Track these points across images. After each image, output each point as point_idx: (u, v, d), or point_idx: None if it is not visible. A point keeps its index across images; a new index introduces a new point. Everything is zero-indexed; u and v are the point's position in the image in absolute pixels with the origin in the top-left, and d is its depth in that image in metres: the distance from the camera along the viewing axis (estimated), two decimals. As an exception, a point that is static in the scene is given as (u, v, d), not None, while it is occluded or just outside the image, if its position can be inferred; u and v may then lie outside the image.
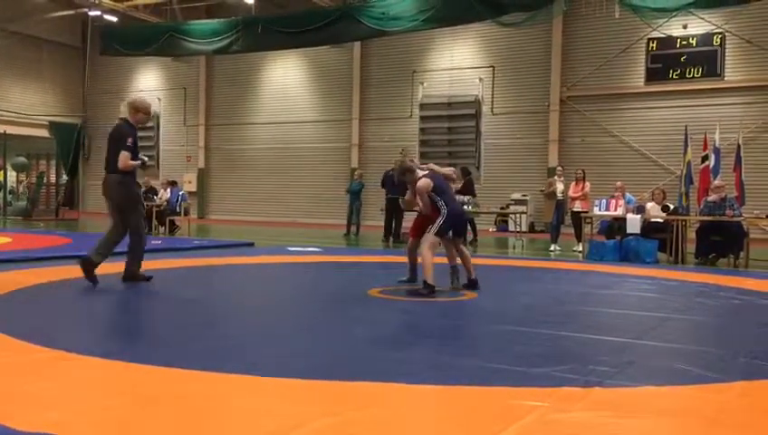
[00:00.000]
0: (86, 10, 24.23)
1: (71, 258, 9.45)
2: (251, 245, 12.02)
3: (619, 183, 12.41)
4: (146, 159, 7.47)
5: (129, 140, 7.05)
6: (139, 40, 22.09)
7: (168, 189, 16.28)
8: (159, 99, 27.50)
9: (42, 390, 3.40)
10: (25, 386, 3.47)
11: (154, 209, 15.68)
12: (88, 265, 6.94)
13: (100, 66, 27.84)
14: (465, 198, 14.39)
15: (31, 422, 2.87)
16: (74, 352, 4.12)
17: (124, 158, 6.99)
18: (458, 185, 13.09)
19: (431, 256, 6.85)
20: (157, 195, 16.36)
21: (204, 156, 26.72)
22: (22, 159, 22.32)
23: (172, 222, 15.87)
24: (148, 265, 8.99)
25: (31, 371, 3.78)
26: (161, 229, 15.74)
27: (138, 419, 3.07)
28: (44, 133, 27.36)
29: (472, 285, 7.25)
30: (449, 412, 3.28)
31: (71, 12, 25.27)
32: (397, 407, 3.28)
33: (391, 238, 14.34)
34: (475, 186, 15.83)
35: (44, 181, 23.52)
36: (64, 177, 26.15)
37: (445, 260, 7.37)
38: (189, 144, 26.88)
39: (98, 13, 24.00)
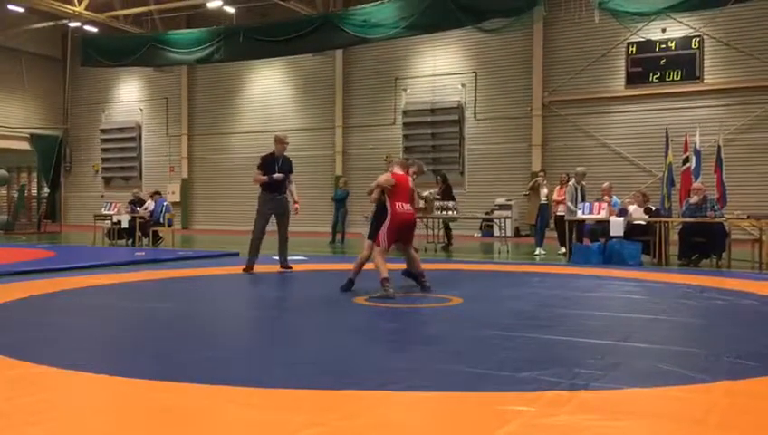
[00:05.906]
0: (66, 21, 24.04)
1: (56, 271, 9.42)
2: (236, 255, 11.95)
3: (605, 184, 12.50)
4: (276, 176, 9.56)
5: (260, 162, 9.77)
6: (119, 50, 22.02)
7: (152, 200, 16.19)
8: (141, 109, 27.46)
9: (25, 405, 3.37)
10: (7, 402, 3.43)
11: (138, 220, 15.61)
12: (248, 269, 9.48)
13: (80, 77, 27.67)
14: (450, 204, 14.50)
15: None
16: (58, 366, 4.07)
17: (254, 175, 9.74)
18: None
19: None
20: (141, 206, 16.26)
21: (187, 166, 26.57)
22: (3, 172, 22.10)
23: (156, 233, 15.77)
24: (132, 277, 8.96)
25: (13, 386, 3.73)
26: (145, 241, 15.64)
27: (124, 433, 3.05)
28: (25, 146, 27.10)
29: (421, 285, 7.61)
30: (436, 419, 3.28)
31: (50, 23, 25.03)
32: (383, 415, 3.27)
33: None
34: (460, 191, 15.90)
35: (25, 194, 23.29)
36: (46, 189, 25.89)
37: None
38: (172, 154, 26.73)
39: (78, 24, 23.80)
